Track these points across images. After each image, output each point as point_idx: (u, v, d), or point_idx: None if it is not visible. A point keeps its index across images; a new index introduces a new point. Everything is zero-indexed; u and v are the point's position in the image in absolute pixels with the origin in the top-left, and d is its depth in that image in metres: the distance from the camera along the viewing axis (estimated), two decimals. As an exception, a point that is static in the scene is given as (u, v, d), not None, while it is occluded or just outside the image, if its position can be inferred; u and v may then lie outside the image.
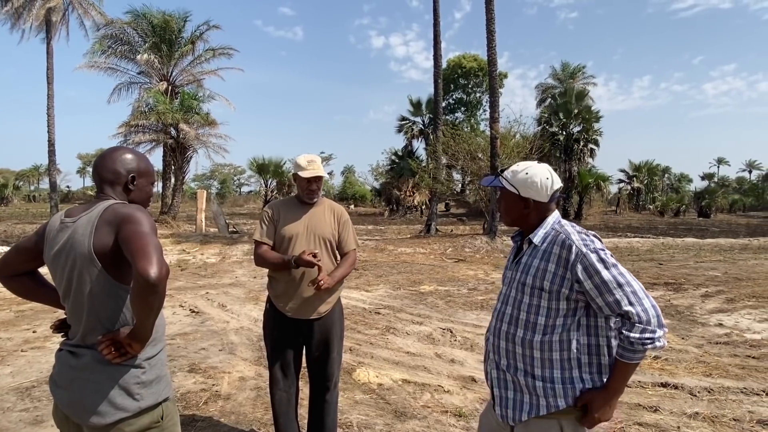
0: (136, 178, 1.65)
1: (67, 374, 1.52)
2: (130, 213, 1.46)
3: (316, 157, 2.71)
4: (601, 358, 1.57)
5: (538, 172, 1.64)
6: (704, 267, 10.41)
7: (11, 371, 4.21)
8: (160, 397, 1.55)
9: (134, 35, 22.14)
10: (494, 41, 17.47)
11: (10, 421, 3.27)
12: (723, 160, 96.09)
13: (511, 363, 1.64)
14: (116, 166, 1.62)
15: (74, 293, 1.51)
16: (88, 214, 1.51)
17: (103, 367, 1.47)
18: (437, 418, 3.33)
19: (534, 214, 1.65)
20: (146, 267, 1.30)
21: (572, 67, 39.15)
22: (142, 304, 1.34)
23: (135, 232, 1.40)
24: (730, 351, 4.72)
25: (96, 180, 1.65)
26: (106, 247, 1.45)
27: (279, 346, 2.69)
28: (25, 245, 1.66)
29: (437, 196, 20.66)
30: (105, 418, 1.45)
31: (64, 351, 1.57)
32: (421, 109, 35.80)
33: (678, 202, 42.69)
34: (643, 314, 1.44)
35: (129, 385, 1.48)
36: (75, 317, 1.54)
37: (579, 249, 1.50)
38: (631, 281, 1.48)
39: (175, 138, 20.54)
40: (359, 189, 52.93)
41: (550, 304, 1.56)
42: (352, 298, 7.20)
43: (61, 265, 1.52)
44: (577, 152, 30.77)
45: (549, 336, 1.56)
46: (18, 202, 53.98)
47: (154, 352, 1.55)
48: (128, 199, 1.65)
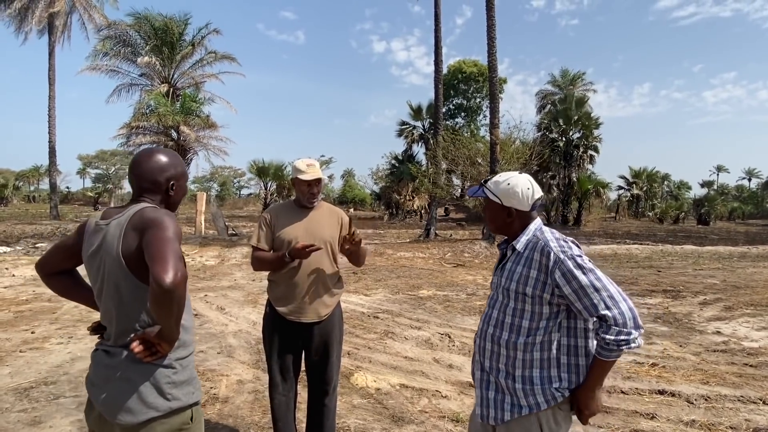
0: (175, 184, 1.67)
1: (102, 373, 1.54)
2: (157, 218, 1.47)
3: (314, 161, 2.73)
4: (579, 359, 1.65)
5: (519, 182, 1.72)
6: (703, 274, 10.43)
7: (10, 372, 4.21)
8: (191, 399, 1.57)
9: (136, 37, 22.22)
10: (495, 47, 17.54)
11: (9, 421, 3.27)
12: (722, 167, 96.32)
13: (493, 365, 1.71)
14: (155, 176, 1.62)
15: (106, 295, 1.54)
16: (120, 218, 1.54)
17: (135, 365, 1.49)
18: (434, 423, 3.33)
19: (517, 222, 1.74)
20: (161, 273, 1.31)
21: (572, 74, 39.33)
22: (159, 309, 1.37)
23: (157, 237, 1.41)
24: (727, 359, 4.73)
25: (134, 185, 1.65)
26: (133, 252, 1.47)
27: (278, 349, 2.69)
28: (65, 243, 1.69)
29: (437, 200, 20.70)
30: (137, 416, 1.47)
31: (100, 350, 1.60)
32: (421, 113, 35.91)
33: (677, 210, 42.77)
34: (619, 317, 1.51)
35: (160, 384, 1.50)
36: (108, 318, 1.57)
37: (557, 255, 1.58)
38: (607, 285, 1.55)
39: (175, 140, 20.56)
40: (359, 193, 52.97)
41: (533, 308, 1.64)
42: (350, 302, 7.20)
43: (95, 267, 1.56)
44: (576, 158, 30.85)
45: (532, 338, 1.64)
46: (18, 203, 53.95)
47: (185, 354, 1.58)
48: (169, 202, 1.68)
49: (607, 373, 1.63)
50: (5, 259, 11.43)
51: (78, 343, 5.10)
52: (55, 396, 3.73)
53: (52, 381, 4.03)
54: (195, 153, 22.03)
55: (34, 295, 7.47)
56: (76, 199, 59.06)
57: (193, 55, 22.92)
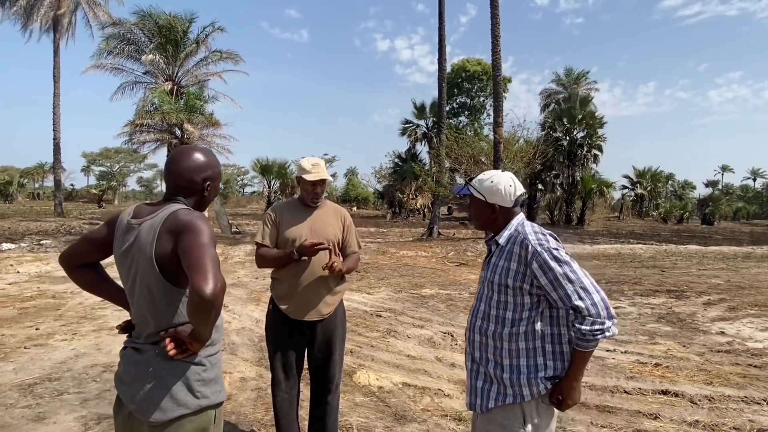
0: (210, 185, 1.66)
1: (132, 370, 1.54)
2: (192, 222, 1.46)
3: (320, 160, 2.73)
4: (563, 346, 1.72)
5: (502, 180, 1.80)
6: (707, 275, 10.38)
7: (14, 368, 4.23)
8: (218, 398, 1.57)
9: (140, 35, 22.26)
10: (499, 46, 17.50)
11: (13, 417, 3.29)
12: (727, 167, 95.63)
13: (482, 355, 1.79)
14: (193, 175, 1.61)
15: (138, 294, 1.54)
16: (153, 218, 1.52)
17: (166, 362, 1.49)
18: (437, 422, 3.33)
19: (501, 219, 1.82)
20: (202, 283, 1.30)
21: (576, 73, 39.14)
22: (198, 317, 1.36)
23: (194, 243, 1.40)
24: (731, 359, 4.71)
25: (169, 183, 1.63)
26: (166, 256, 1.46)
27: (281, 347, 2.70)
28: (95, 236, 1.68)
29: (440, 199, 20.68)
30: (166, 413, 1.46)
31: (129, 348, 1.60)
32: (425, 112, 35.85)
33: (681, 209, 42.56)
34: (592, 308, 1.58)
35: (191, 381, 1.50)
36: (139, 317, 1.57)
37: (534, 248, 1.66)
38: (581, 278, 1.62)
39: (179, 138, 20.62)
40: (362, 191, 52.97)
41: (515, 300, 1.71)
42: (353, 300, 7.21)
43: (127, 265, 1.55)
44: (580, 158, 30.71)
45: (516, 328, 1.71)
46: (22, 200, 54.20)
47: (213, 351, 1.58)
48: (202, 202, 1.67)
49: (587, 362, 1.68)
50: (10, 256, 11.49)
51: (82, 339, 5.13)
52: (59, 392, 3.75)
53: (56, 377, 4.05)
54: (198, 151, 22.05)
55: (39, 291, 7.51)
56: (80, 196, 59.26)
57: (198, 53, 22.96)
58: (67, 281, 8.45)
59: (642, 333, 5.65)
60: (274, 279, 2.74)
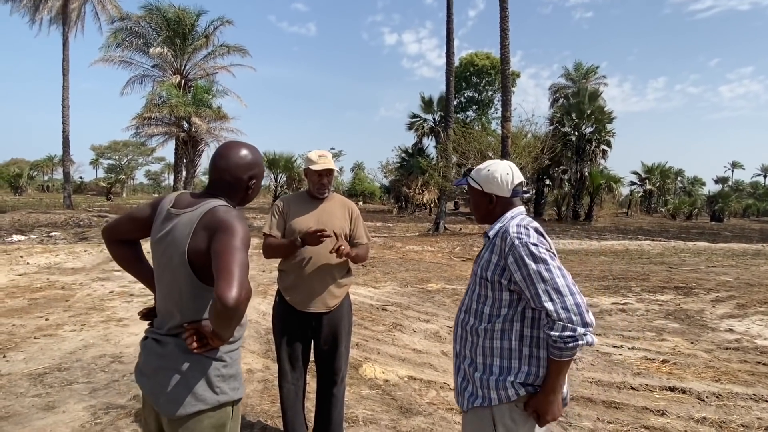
0: (255, 183, 1.65)
1: (153, 362, 1.53)
2: (228, 221, 1.43)
3: (327, 152, 2.75)
4: (541, 351, 1.59)
5: (498, 168, 1.73)
6: (716, 272, 10.29)
7: (24, 357, 4.29)
8: (236, 394, 1.55)
9: (148, 29, 22.32)
10: (507, 40, 17.37)
11: (23, 406, 3.33)
12: (738, 163, 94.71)
13: (461, 351, 1.72)
14: (240, 173, 1.59)
15: (166, 284, 1.54)
16: (192, 212, 1.51)
17: (187, 356, 1.47)
18: (442, 416, 3.34)
19: (498, 210, 1.74)
20: (225, 291, 1.26)
21: (585, 68, 38.79)
22: (219, 323, 1.33)
23: (225, 245, 1.37)
24: (740, 357, 4.68)
25: (215, 178, 1.61)
26: (199, 252, 1.45)
27: (288, 339, 2.71)
28: (138, 215, 1.68)
29: (446, 194, 20.63)
30: (186, 408, 1.45)
31: (150, 339, 1.58)
32: (432, 106, 35.73)
33: (690, 206, 42.22)
34: (562, 312, 1.44)
35: (211, 376, 1.48)
36: (164, 308, 1.56)
37: (512, 241, 1.56)
38: (555, 278, 1.48)
39: (187, 131, 20.71)
40: (368, 186, 52.96)
41: (493, 294, 1.63)
42: (359, 294, 7.23)
43: (160, 252, 1.55)
44: (589, 153, 30.50)
45: (491, 325, 1.62)
46: (32, 192, 54.77)
47: (234, 347, 1.56)
48: (245, 199, 1.66)
49: (564, 374, 1.54)
50: (20, 247, 11.62)
51: (90, 330, 5.18)
52: (69, 382, 3.79)
53: (66, 367, 4.10)
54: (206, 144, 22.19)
55: (48, 282, 7.59)
56: (89, 189, 59.78)
57: (207, 46, 22.99)
58: (76, 273, 8.54)
59: (649, 329, 5.62)
60: (281, 271, 2.76)
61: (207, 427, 1.48)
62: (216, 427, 1.50)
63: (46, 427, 3.05)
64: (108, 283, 7.63)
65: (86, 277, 8.15)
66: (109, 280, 7.90)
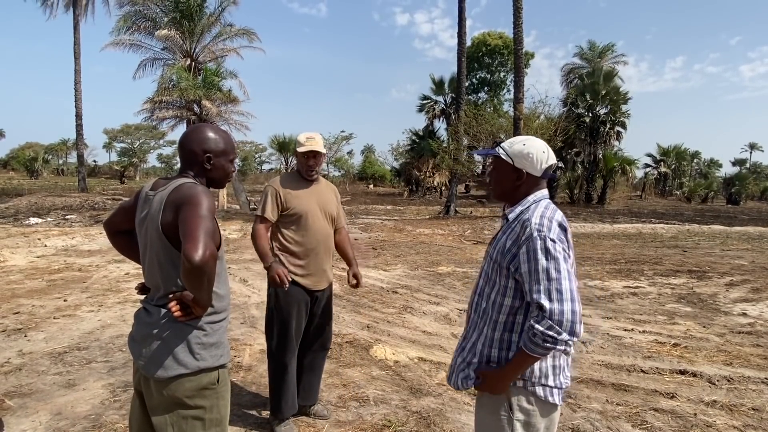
0: (212, 158, 1.73)
1: (142, 330, 1.66)
2: (192, 194, 1.55)
3: (316, 134, 2.82)
4: None
5: (535, 144, 1.64)
6: (730, 255, 10.17)
7: (44, 337, 4.41)
8: (218, 361, 1.67)
9: (157, 11, 22.20)
10: (521, 18, 17.02)
11: (45, 383, 3.44)
12: (756, 145, 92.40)
13: (470, 333, 1.68)
14: (193, 146, 1.71)
15: (148, 259, 1.67)
16: (163, 191, 1.63)
17: (171, 324, 1.60)
18: (452, 396, 3.38)
19: (524, 188, 1.64)
20: (190, 251, 1.40)
21: (600, 47, 37.91)
22: (190, 282, 1.47)
23: (190, 214, 1.50)
24: (752, 341, 4.65)
25: (178, 155, 1.78)
26: (170, 225, 1.57)
27: (297, 320, 2.80)
28: (124, 206, 1.84)
29: (457, 177, 20.53)
30: (167, 371, 1.58)
31: (142, 309, 1.73)
32: (443, 88, 35.30)
33: (706, 188, 41.58)
34: (557, 314, 1.40)
35: (191, 344, 1.61)
36: (151, 281, 1.70)
37: (531, 232, 1.49)
38: (562, 279, 1.43)
39: (197, 114, 20.72)
40: (379, 169, 52.78)
41: (499, 280, 1.58)
42: (370, 276, 7.27)
43: (142, 233, 1.69)
44: (603, 135, 30.02)
45: (495, 314, 1.58)
46: (47, 175, 55.55)
47: (217, 319, 1.68)
48: (207, 176, 1.75)
49: (526, 368, 1.51)
50: (37, 230, 11.85)
51: (108, 311, 5.30)
52: (88, 361, 3.90)
53: (84, 346, 4.21)
54: (217, 127, 22.15)
55: (66, 264, 7.75)
56: (102, 172, 60.48)
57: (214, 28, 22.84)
58: (93, 255, 8.71)
59: (661, 313, 5.60)
60: (293, 252, 2.77)
61: (188, 389, 1.61)
62: (197, 389, 1.62)
63: (68, 403, 3.15)
64: (123, 265, 7.78)
65: (102, 260, 8.31)
66: (125, 262, 8.04)
